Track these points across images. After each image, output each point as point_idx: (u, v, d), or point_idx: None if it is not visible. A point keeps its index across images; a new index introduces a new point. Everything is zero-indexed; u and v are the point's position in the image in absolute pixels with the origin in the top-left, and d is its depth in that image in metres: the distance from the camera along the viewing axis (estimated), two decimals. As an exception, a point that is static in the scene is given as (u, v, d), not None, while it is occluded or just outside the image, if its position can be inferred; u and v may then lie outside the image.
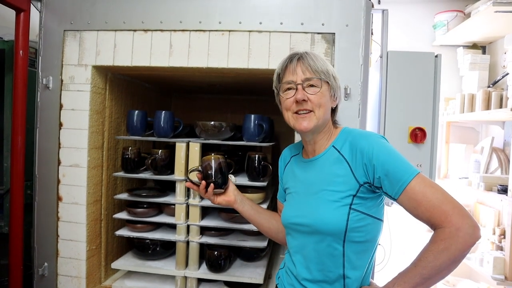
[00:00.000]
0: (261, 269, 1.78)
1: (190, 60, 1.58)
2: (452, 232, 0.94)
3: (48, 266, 1.68)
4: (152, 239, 1.77)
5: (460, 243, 0.93)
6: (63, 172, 1.67)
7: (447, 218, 0.95)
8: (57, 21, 1.65)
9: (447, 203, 0.97)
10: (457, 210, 0.96)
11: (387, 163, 1.03)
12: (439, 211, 0.97)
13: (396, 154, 1.04)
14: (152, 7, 1.60)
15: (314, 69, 1.12)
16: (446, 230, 0.95)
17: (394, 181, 1.02)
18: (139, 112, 1.78)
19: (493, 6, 2.39)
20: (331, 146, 1.17)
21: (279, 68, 1.19)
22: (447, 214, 0.96)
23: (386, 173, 1.02)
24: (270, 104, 2.33)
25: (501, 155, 2.73)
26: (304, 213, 1.14)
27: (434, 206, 0.98)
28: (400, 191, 1.01)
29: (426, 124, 1.71)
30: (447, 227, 0.95)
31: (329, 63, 1.17)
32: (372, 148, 1.06)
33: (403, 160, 1.03)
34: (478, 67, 2.93)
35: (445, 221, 0.95)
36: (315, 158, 1.19)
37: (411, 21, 3.26)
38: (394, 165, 1.02)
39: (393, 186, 1.02)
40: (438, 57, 1.72)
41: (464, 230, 0.93)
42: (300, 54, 1.15)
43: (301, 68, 1.13)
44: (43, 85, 1.65)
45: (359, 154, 1.08)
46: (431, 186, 1.00)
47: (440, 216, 0.97)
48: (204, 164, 1.30)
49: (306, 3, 1.53)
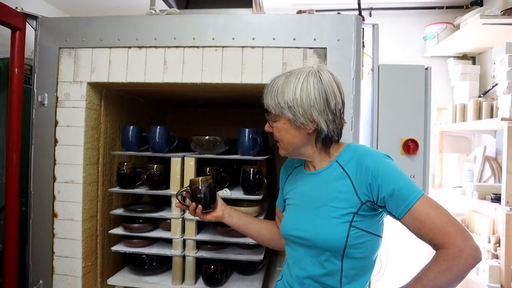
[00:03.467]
0: (258, 282, 1.78)
1: (184, 76, 1.60)
2: (455, 253, 0.96)
3: (44, 284, 1.67)
4: (148, 254, 1.76)
5: (462, 265, 0.95)
6: (59, 188, 1.67)
7: (450, 239, 0.97)
8: (52, 38, 1.67)
9: (451, 225, 0.99)
10: (460, 232, 0.98)
11: (392, 183, 1.03)
12: (442, 232, 0.99)
13: (401, 175, 1.05)
14: (146, 24, 1.62)
15: (266, 104, 1.16)
16: (449, 251, 0.97)
17: (399, 202, 1.03)
18: (134, 127, 1.79)
19: (481, 19, 2.45)
20: (335, 161, 1.16)
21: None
22: (451, 236, 0.98)
23: (391, 193, 1.03)
24: (264, 118, 2.35)
25: (493, 163, 2.77)
26: (304, 227, 1.15)
27: (438, 227, 0.99)
28: (404, 211, 1.02)
29: (418, 135, 1.73)
30: (450, 248, 0.97)
31: (295, 89, 1.09)
32: (378, 167, 1.06)
33: (408, 181, 1.04)
34: (468, 78, 2.98)
35: (449, 243, 0.97)
36: (317, 172, 1.19)
37: (402, 33, 3.32)
38: (399, 185, 1.03)
39: (397, 206, 1.03)
40: (428, 69, 1.76)
41: (466, 252, 0.96)
42: (270, 82, 1.17)
43: (263, 100, 1.18)
44: (38, 102, 1.66)
45: (364, 173, 1.08)
46: (436, 207, 1.01)
47: (443, 237, 0.98)
48: (193, 187, 1.32)
49: (298, 19, 1.56)
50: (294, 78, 1.11)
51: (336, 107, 1.12)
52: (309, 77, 1.10)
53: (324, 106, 1.10)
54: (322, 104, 1.10)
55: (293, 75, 1.12)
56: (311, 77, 1.10)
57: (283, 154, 1.21)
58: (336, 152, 1.18)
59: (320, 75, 1.11)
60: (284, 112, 1.11)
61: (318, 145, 1.17)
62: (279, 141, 1.19)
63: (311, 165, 1.22)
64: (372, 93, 1.77)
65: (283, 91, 1.11)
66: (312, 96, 1.09)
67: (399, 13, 3.32)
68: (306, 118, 1.10)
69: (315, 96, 1.09)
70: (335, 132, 1.15)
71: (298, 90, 1.09)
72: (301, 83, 1.10)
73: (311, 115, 1.10)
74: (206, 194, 1.31)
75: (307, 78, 1.10)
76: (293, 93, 1.09)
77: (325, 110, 1.10)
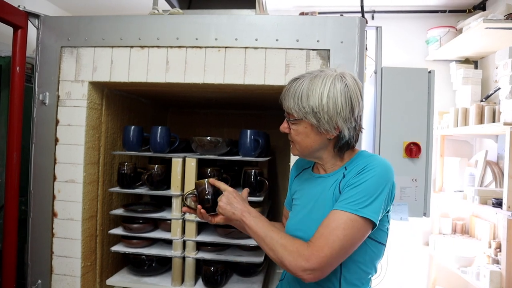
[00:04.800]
0: (257, 284, 1.77)
1: (186, 76, 1.60)
2: (303, 252, 1.00)
3: (42, 284, 1.66)
4: (148, 255, 1.75)
5: (289, 261, 1.01)
6: (59, 187, 1.66)
7: (313, 244, 1.00)
8: (54, 37, 1.66)
9: (326, 243, 0.99)
10: (322, 252, 0.99)
11: (360, 182, 1.04)
12: (317, 238, 1.01)
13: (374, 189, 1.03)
14: (149, 24, 1.62)
15: (286, 106, 1.12)
16: (304, 246, 1.01)
17: (343, 198, 1.05)
18: (135, 127, 1.78)
19: (484, 23, 2.44)
20: (344, 167, 1.15)
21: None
22: (316, 245, 1.00)
23: (349, 186, 1.05)
24: (266, 119, 2.34)
25: (495, 168, 2.76)
26: (305, 228, 1.14)
27: (320, 233, 1.02)
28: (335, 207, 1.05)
29: (421, 139, 1.73)
30: (307, 248, 1.01)
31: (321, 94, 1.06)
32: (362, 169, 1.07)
33: (368, 197, 1.02)
34: (470, 82, 2.97)
35: (310, 245, 1.01)
36: (325, 175, 1.18)
37: (404, 36, 3.31)
38: (360, 189, 1.03)
39: (339, 201, 1.05)
40: (431, 72, 1.75)
41: (305, 263, 0.99)
42: (290, 84, 1.13)
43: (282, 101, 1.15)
44: (40, 101, 1.65)
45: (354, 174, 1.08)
46: (342, 228, 1.00)
47: (314, 239, 1.02)
48: (199, 189, 1.29)
49: (301, 20, 1.55)
50: (320, 82, 1.07)
51: (359, 113, 1.11)
52: (336, 82, 1.06)
53: (349, 113, 1.08)
54: (348, 112, 1.07)
55: (318, 79, 1.08)
56: (338, 82, 1.07)
57: (296, 154, 1.18)
58: (348, 158, 1.16)
59: (346, 80, 1.08)
60: (308, 117, 1.08)
61: (335, 150, 1.14)
62: (295, 143, 1.15)
63: (322, 168, 1.20)
64: (375, 95, 1.76)
65: (308, 95, 1.07)
66: (339, 104, 1.06)
67: (401, 16, 3.32)
68: (331, 125, 1.07)
69: (341, 103, 1.06)
70: (354, 138, 1.13)
71: (325, 96, 1.05)
72: (328, 89, 1.06)
73: (336, 122, 1.07)
74: (212, 195, 1.28)
75: (334, 83, 1.06)
76: (319, 99, 1.06)
77: (350, 118, 1.08)
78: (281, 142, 2.38)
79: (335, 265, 1.01)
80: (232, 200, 1.16)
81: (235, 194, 1.18)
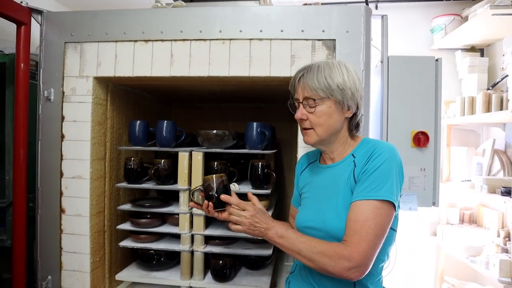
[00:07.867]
0: (266, 277, 1.77)
1: (191, 69, 1.58)
2: (341, 254, 1.01)
3: (52, 279, 1.67)
4: (156, 250, 1.75)
5: (332, 266, 1.01)
6: (66, 184, 1.66)
7: (349, 244, 1.02)
8: (57, 33, 1.65)
9: (361, 237, 1.01)
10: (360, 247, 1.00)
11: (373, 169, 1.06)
12: (350, 235, 1.03)
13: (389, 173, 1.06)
14: (152, 17, 1.60)
15: (311, 87, 1.12)
16: (341, 248, 1.02)
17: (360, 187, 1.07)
18: (140, 122, 1.77)
19: (490, 9, 2.40)
20: (351, 154, 1.17)
21: (290, 83, 1.21)
22: (352, 242, 1.01)
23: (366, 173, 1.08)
24: (271, 112, 2.33)
25: (503, 157, 2.73)
26: (317, 217, 1.15)
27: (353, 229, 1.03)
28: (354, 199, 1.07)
29: (429, 128, 1.71)
30: (344, 249, 1.02)
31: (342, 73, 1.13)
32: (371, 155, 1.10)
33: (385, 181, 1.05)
34: (477, 70, 2.93)
35: (346, 244, 1.02)
36: (332, 165, 1.20)
37: (408, 26, 3.27)
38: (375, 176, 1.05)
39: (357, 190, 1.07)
40: (438, 61, 1.73)
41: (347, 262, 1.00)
42: (304, 71, 1.16)
43: (301, 86, 1.15)
44: (45, 97, 1.65)
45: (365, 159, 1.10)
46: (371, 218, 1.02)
47: (348, 237, 1.03)
48: (206, 184, 1.28)
49: (306, 10, 1.53)
50: (333, 65, 1.14)
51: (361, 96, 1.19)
52: (346, 65, 1.15)
53: (362, 91, 1.19)
54: (362, 89, 1.18)
55: (328, 64, 1.14)
56: (348, 65, 1.16)
57: (313, 141, 1.17)
58: (354, 145, 1.19)
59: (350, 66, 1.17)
60: (335, 93, 1.11)
61: (348, 132, 1.20)
62: (317, 126, 1.15)
63: (329, 158, 1.22)
64: (381, 85, 1.74)
65: (330, 74, 1.12)
66: (356, 81, 1.15)
67: (406, 5, 3.27)
68: (353, 100, 1.14)
69: (358, 81, 1.16)
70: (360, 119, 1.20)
71: (345, 74, 1.13)
72: (345, 69, 1.14)
73: (357, 98, 1.15)
74: (219, 191, 1.26)
75: (345, 65, 1.15)
76: (342, 77, 1.12)
77: (362, 95, 1.18)
78: (287, 134, 2.37)
79: (375, 255, 1.03)
80: (255, 222, 1.17)
81: (258, 214, 1.18)
